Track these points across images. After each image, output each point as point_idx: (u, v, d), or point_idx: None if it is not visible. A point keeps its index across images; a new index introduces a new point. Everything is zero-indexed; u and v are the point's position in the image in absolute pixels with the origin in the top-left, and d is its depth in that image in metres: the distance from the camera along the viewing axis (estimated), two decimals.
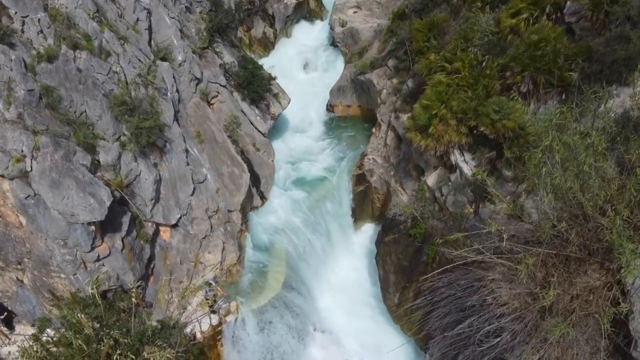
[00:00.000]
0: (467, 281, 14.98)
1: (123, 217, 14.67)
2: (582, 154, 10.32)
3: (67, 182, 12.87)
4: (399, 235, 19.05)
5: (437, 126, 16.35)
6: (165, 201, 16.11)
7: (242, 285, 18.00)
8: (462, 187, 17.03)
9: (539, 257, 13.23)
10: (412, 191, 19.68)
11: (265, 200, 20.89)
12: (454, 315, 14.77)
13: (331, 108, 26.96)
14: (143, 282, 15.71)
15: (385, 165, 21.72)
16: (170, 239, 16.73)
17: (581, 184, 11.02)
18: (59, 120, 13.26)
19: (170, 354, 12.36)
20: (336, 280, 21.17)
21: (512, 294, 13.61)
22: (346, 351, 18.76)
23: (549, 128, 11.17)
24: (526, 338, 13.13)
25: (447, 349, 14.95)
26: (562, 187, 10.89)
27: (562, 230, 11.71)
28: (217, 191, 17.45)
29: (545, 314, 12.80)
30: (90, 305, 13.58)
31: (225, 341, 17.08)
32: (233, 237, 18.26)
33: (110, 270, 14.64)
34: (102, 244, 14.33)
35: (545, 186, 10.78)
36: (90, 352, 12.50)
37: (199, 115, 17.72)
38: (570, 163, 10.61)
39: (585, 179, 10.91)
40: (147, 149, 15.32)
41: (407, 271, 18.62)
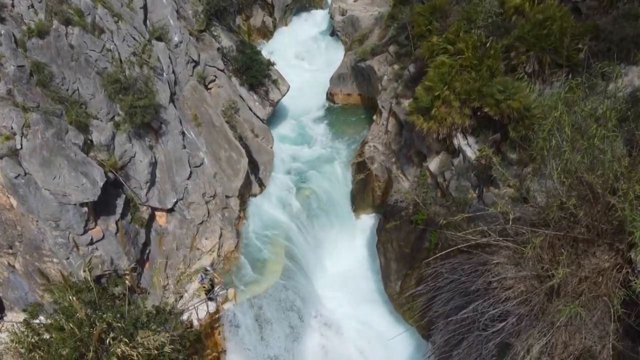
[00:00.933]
0: (471, 266, 14.59)
1: (117, 199, 14.26)
2: (592, 127, 9.91)
3: (59, 160, 12.45)
4: (401, 222, 18.64)
5: (440, 108, 15.95)
6: (161, 185, 15.70)
7: (240, 273, 17.58)
8: (466, 171, 16.63)
9: (545, 239, 12.86)
10: (413, 177, 19.28)
11: (264, 188, 20.47)
12: (458, 300, 14.38)
13: (331, 96, 26.55)
14: (139, 267, 15.30)
15: (387, 152, 21.31)
16: (166, 224, 16.32)
17: (591, 160, 10.62)
18: (50, 98, 12.85)
19: (165, 337, 11.97)
20: (336, 268, 20.75)
21: (518, 277, 13.24)
22: (346, 340, 18.36)
23: (557, 102, 10.77)
24: (533, 322, 12.74)
25: (450, 335, 14.55)
26: (571, 163, 10.48)
27: (570, 208, 11.31)
28: (215, 176, 17.03)
29: (553, 296, 12.42)
30: (83, 290, 13.17)
31: (223, 329, 16.68)
32: (231, 223, 17.85)
33: (104, 255, 14.22)
34: (95, 227, 13.91)
35: (554, 159, 10.34)
36: (82, 336, 12.11)
37: (195, 98, 17.30)
38: (580, 137, 10.20)
39: (596, 154, 10.51)
40: (142, 131, 14.91)
41: (408, 258, 18.22)
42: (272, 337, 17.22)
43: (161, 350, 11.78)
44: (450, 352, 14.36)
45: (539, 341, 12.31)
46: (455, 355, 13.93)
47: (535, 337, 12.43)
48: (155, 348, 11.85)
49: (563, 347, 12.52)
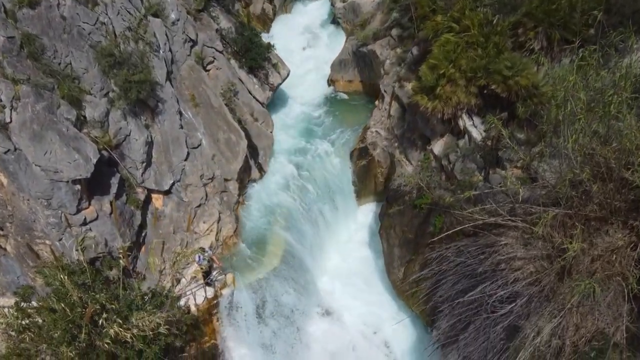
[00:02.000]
0: (477, 248, 14.13)
1: (112, 178, 13.77)
2: (608, 92, 9.43)
3: (50, 135, 11.96)
4: (404, 206, 18.17)
5: (445, 87, 15.45)
6: (157, 166, 15.21)
7: (239, 258, 17.11)
8: (471, 153, 16.14)
9: (556, 218, 12.41)
10: (417, 161, 18.79)
11: (263, 173, 19.99)
12: (464, 283, 13.91)
13: (332, 83, 26.07)
14: (135, 250, 14.83)
15: (389, 137, 20.82)
16: (162, 206, 15.83)
17: (606, 130, 10.15)
18: (41, 72, 12.36)
19: (161, 318, 11.51)
20: (337, 255, 20.31)
21: (528, 257, 12.78)
22: (348, 327, 17.89)
23: (571, 70, 10.30)
24: (543, 304, 12.28)
25: (456, 320, 14.09)
26: (585, 134, 10.00)
27: (583, 183, 10.85)
28: (213, 157, 16.54)
29: (564, 276, 11.96)
30: (76, 272, 12.71)
31: (221, 315, 16.21)
32: (230, 208, 17.37)
33: (98, 236, 13.74)
34: (89, 207, 13.43)
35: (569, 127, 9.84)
36: (74, 317, 11.64)
37: (193, 78, 16.80)
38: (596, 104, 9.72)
39: (611, 124, 10.04)
40: (138, 109, 14.42)
41: (412, 244, 17.74)
42: (272, 323, 16.75)
43: (157, 330, 11.30)
44: (456, 336, 13.89)
45: (549, 323, 11.84)
46: (462, 339, 13.46)
47: (546, 319, 11.98)
48: (150, 329, 11.37)
49: (574, 329, 12.06)
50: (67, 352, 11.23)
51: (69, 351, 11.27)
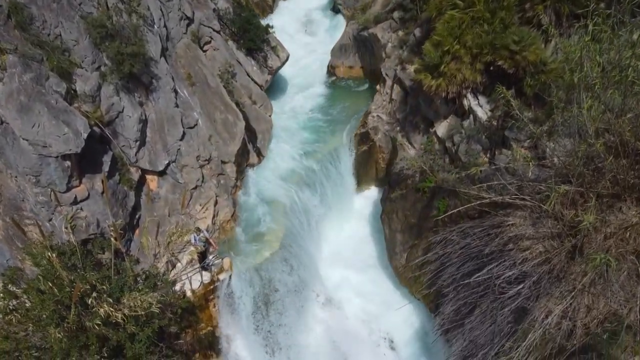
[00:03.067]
0: (483, 229, 13.62)
1: (104, 156, 13.24)
2: (626, 55, 8.91)
3: (38, 107, 11.42)
4: (406, 191, 17.66)
5: (450, 64, 14.94)
6: (151, 145, 14.68)
7: (237, 243, 16.59)
8: (476, 133, 15.63)
9: (567, 195, 11.91)
10: (419, 145, 18.28)
11: (262, 158, 19.48)
12: (470, 265, 13.41)
13: (332, 69, 25.55)
14: (128, 233, 14.31)
15: (391, 121, 20.32)
16: (157, 188, 15.31)
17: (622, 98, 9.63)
18: (30, 42, 11.82)
19: (153, 298, 10.98)
20: (338, 243, 19.80)
21: (537, 236, 12.28)
22: (348, 315, 17.39)
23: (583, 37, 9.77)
24: (552, 285, 11.77)
25: (461, 304, 13.58)
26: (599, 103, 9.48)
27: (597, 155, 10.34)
28: (210, 138, 16.01)
29: (575, 255, 11.46)
30: (65, 252, 12.20)
31: (218, 301, 15.69)
32: (227, 191, 16.85)
33: (89, 216, 13.22)
34: (79, 185, 12.90)
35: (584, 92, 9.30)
36: (62, 297, 11.12)
37: (189, 56, 16.27)
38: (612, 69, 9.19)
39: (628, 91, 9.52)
40: (131, 85, 13.88)
41: (415, 229, 17.24)
42: (270, 310, 16.24)
43: (149, 310, 10.79)
44: (461, 321, 13.38)
45: (560, 304, 11.34)
46: (467, 323, 12.95)
47: (556, 301, 11.48)
48: (142, 308, 10.86)
49: (586, 310, 11.55)
50: (55, 333, 10.72)
51: (57, 332, 10.75)
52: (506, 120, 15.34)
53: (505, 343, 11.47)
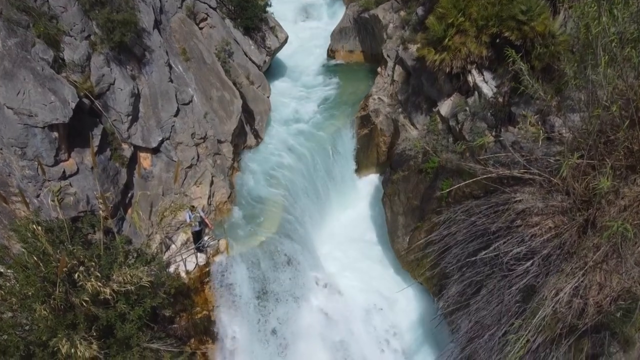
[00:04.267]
0: (489, 206, 13.10)
1: (94, 130, 12.69)
2: None
3: (23, 73, 10.87)
4: (409, 172, 17.12)
5: (454, 37, 14.40)
6: (144, 121, 14.13)
7: (233, 225, 16.05)
8: (481, 111, 15.08)
9: (578, 168, 11.39)
10: (422, 126, 17.73)
11: (260, 140, 18.93)
12: (475, 244, 12.87)
13: (332, 54, 25.00)
14: (120, 211, 13.76)
15: (392, 103, 19.76)
16: (151, 167, 14.77)
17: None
18: (15, 7, 11.27)
19: (143, 272, 10.44)
20: (338, 228, 19.28)
21: (547, 212, 11.75)
22: (349, 300, 16.84)
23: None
24: (563, 262, 11.24)
25: (467, 284, 13.06)
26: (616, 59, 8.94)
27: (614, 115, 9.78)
28: (205, 116, 15.46)
29: (587, 229, 10.93)
30: (53, 229, 11.66)
31: (214, 284, 15.15)
32: (223, 172, 16.31)
33: (79, 192, 12.67)
34: (68, 159, 12.36)
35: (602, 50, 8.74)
36: (48, 272, 10.59)
37: (184, 31, 15.71)
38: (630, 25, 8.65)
39: None
40: (123, 57, 13.33)
41: (417, 211, 16.70)
42: (267, 294, 15.68)
43: (139, 284, 10.25)
44: (466, 301, 12.85)
45: (570, 282, 10.82)
46: (473, 304, 12.42)
47: (566, 278, 10.95)
48: (132, 284, 10.32)
49: (598, 288, 11.02)
50: (40, 309, 10.17)
51: (43, 309, 10.21)
52: (512, 96, 14.84)
53: (513, 322, 10.93)
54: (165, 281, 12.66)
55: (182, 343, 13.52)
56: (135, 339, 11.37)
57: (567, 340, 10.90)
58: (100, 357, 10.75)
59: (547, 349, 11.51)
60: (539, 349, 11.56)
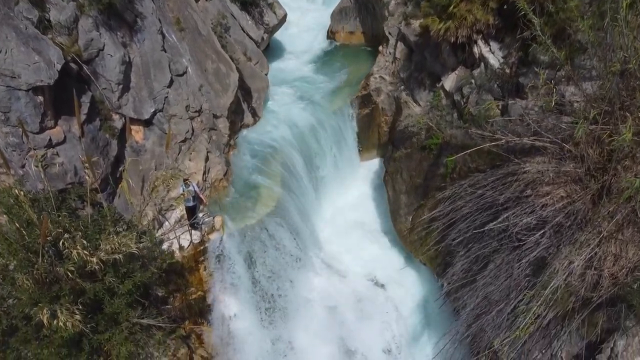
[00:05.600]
0: (497, 178, 12.51)
1: (82, 97, 12.09)
2: None
3: (5, 31, 10.27)
4: (411, 149, 16.54)
5: (460, 4, 13.81)
6: (136, 91, 13.53)
7: (229, 203, 15.46)
8: (488, 82, 14.50)
9: (591, 134, 10.81)
10: (425, 102, 17.15)
11: (257, 118, 18.33)
12: (482, 217, 12.27)
13: (332, 35, 24.40)
14: (111, 185, 13.14)
15: (394, 81, 19.18)
16: (143, 140, 14.17)
17: None
18: None
19: (133, 241, 9.84)
20: (337, 209, 18.71)
21: (558, 181, 11.17)
22: (349, 281, 16.28)
23: None
24: (575, 232, 10.66)
25: (473, 259, 12.48)
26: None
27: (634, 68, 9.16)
28: (200, 88, 14.85)
29: (603, 197, 10.35)
30: (39, 199, 11.07)
31: (209, 264, 14.55)
32: (219, 148, 15.71)
33: (66, 163, 12.07)
34: (55, 127, 11.76)
35: None
36: (32, 241, 10.00)
37: (178, 0, 15.11)
38: None
39: None
40: (113, 22, 12.73)
41: (420, 189, 16.12)
42: (265, 274, 15.10)
43: (127, 252, 9.66)
44: (473, 278, 12.27)
45: (584, 253, 10.23)
46: (480, 279, 11.84)
47: (579, 250, 10.36)
48: (120, 252, 9.73)
49: (613, 259, 10.45)
50: (23, 279, 9.59)
51: (26, 279, 9.62)
52: (520, 67, 14.27)
53: (524, 294, 10.35)
54: (157, 255, 12.09)
55: (176, 325, 12.93)
56: (125, 314, 10.80)
57: (580, 315, 10.34)
58: (86, 331, 10.20)
59: (558, 325, 10.96)
60: (550, 325, 11.02)
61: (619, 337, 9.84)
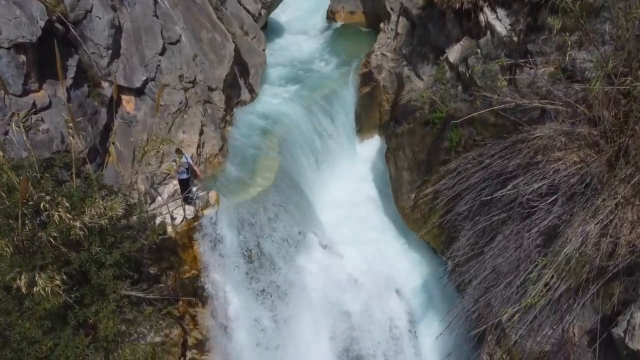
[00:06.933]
0: (505, 147, 11.92)
1: (69, 60, 11.48)
2: None
3: None
4: (414, 124, 15.94)
5: None
6: (127, 58, 12.92)
7: (225, 178, 14.85)
8: (495, 51, 13.89)
9: (608, 95, 10.22)
10: (429, 77, 16.54)
11: (255, 95, 17.74)
12: (490, 186, 11.67)
13: (332, 15, 23.84)
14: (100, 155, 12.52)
15: (396, 58, 18.58)
16: (134, 111, 13.54)
17: None
18: None
19: (120, 205, 9.24)
20: (337, 190, 18.09)
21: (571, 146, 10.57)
22: (350, 262, 15.67)
23: None
24: (589, 199, 10.06)
25: (479, 232, 11.89)
26: None
27: None
28: (194, 58, 14.25)
29: (619, 159, 9.76)
30: (23, 166, 10.46)
31: (203, 241, 13.93)
32: (214, 123, 15.11)
33: (52, 129, 11.44)
34: (39, 90, 11.14)
35: None
36: (11, 205, 9.39)
37: None
38: None
39: None
40: None
41: (424, 165, 15.52)
42: (262, 253, 14.48)
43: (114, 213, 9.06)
44: (480, 250, 11.68)
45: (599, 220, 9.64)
46: (488, 251, 11.25)
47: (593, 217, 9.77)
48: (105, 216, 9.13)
49: (630, 226, 9.85)
50: (2, 245, 8.99)
51: (5, 244, 9.02)
52: (528, 34, 13.66)
53: (536, 262, 9.77)
54: (147, 226, 11.50)
55: (167, 298, 12.34)
56: (112, 285, 10.21)
57: (594, 285, 9.74)
58: (70, 302, 9.62)
59: (570, 299, 10.37)
60: (562, 299, 10.43)
61: (636, 309, 9.23)
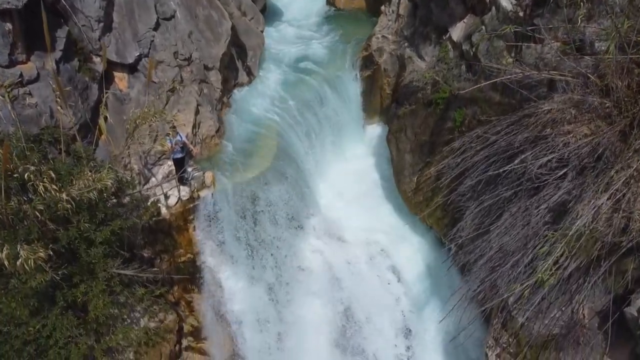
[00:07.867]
0: (511, 123, 11.47)
1: (57, 31, 11.04)
2: None
3: None
4: (417, 105, 15.49)
5: None
6: (119, 32, 12.47)
7: (221, 159, 14.43)
8: (500, 25, 13.39)
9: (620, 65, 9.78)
10: (431, 57, 16.08)
11: (253, 77, 17.29)
12: (497, 163, 11.23)
13: (332, 0, 23.38)
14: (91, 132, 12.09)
15: (398, 40, 18.09)
16: (127, 89, 13.12)
17: None
18: None
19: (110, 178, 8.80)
20: (338, 175, 17.61)
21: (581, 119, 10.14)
22: (350, 247, 15.27)
23: None
24: (600, 173, 9.62)
25: (485, 209, 11.45)
26: None
27: None
28: (190, 35, 13.80)
29: (632, 131, 9.33)
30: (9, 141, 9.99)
31: (199, 223, 13.54)
32: (211, 103, 14.67)
33: (40, 104, 11.00)
34: (27, 62, 10.71)
35: None
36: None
37: None
38: None
39: None
40: None
41: (426, 147, 15.07)
42: (259, 237, 14.07)
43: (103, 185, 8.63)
44: (486, 229, 11.23)
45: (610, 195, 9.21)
46: (494, 229, 10.80)
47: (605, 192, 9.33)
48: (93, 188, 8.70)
49: None
50: None
51: None
52: (535, 8, 13.22)
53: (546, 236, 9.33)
54: (140, 205, 11.08)
55: (160, 276, 11.92)
56: (102, 264, 9.78)
57: (606, 263, 9.32)
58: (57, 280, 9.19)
59: (580, 278, 9.94)
60: (571, 279, 10.00)
61: None
